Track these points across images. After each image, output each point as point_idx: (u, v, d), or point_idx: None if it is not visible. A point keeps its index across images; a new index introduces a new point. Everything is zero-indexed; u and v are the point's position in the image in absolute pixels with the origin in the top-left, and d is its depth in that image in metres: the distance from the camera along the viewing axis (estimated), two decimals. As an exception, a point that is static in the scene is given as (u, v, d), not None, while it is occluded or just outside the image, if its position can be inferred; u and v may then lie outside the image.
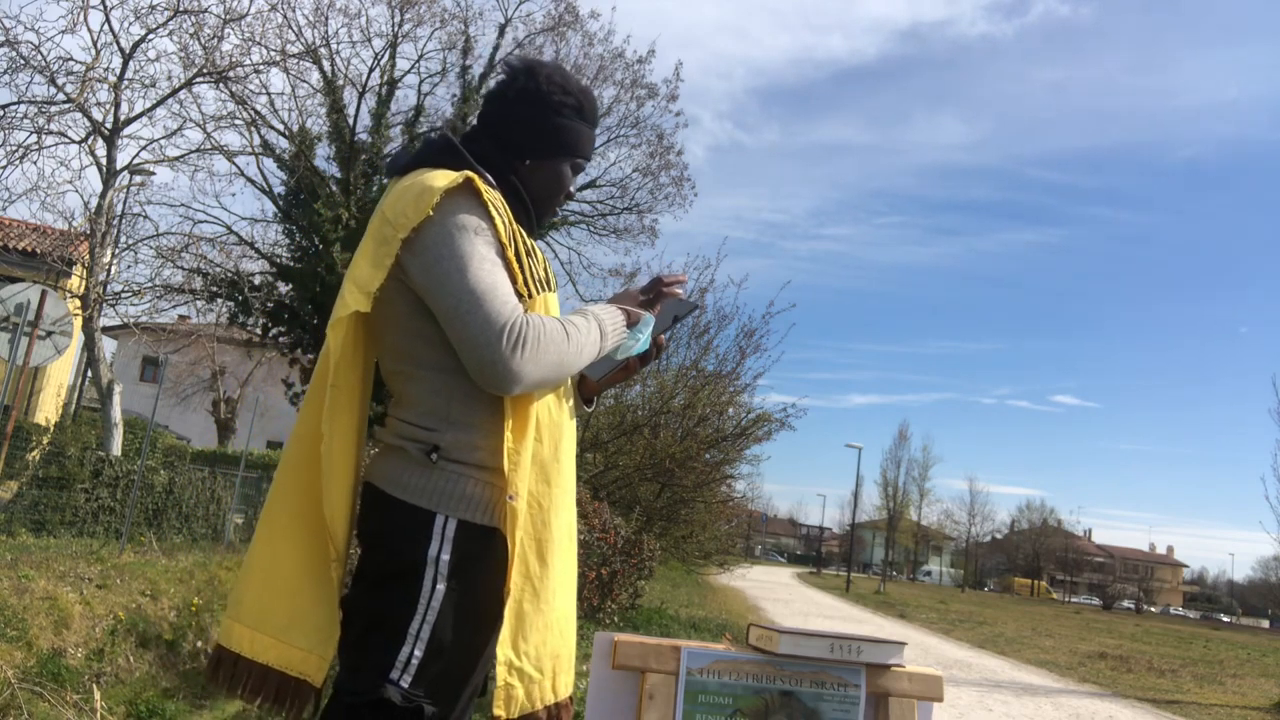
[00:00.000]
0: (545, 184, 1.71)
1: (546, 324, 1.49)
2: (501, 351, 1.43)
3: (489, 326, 1.44)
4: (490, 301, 1.45)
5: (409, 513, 1.51)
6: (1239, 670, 17.80)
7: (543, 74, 1.69)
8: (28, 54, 9.54)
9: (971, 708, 8.63)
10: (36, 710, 3.67)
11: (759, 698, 1.67)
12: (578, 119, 1.71)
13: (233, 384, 26.48)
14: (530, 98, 1.68)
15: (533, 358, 1.46)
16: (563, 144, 1.70)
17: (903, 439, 79.48)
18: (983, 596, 59.77)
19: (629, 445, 12.75)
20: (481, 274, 1.47)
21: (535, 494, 1.56)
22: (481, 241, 1.50)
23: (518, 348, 1.44)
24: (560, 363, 1.51)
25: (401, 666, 1.44)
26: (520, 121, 1.68)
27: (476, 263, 1.48)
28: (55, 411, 19.97)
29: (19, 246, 17.07)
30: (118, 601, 5.42)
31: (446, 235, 1.48)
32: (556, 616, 1.59)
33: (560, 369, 1.52)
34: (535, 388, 1.51)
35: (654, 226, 18.01)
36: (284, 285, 14.90)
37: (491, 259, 1.50)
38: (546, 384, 1.52)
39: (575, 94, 1.70)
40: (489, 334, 1.43)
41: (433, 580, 1.47)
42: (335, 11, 13.80)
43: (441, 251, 1.48)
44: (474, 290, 1.46)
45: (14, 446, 11.12)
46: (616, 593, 8.69)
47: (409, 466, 1.54)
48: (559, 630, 1.61)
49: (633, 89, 16.86)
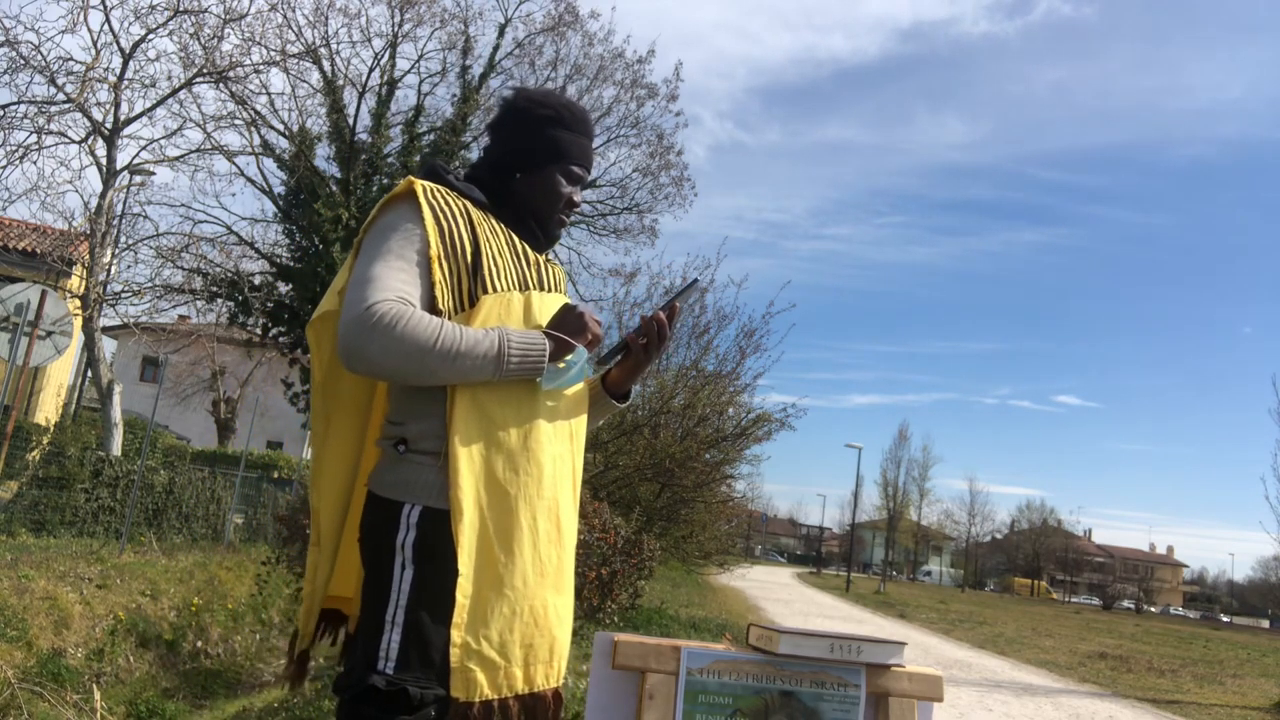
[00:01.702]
0: (539, 194, 1.78)
1: (416, 320, 1.51)
2: (352, 329, 1.48)
3: (352, 307, 1.50)
4: (364, 286, 1.51)
5: (383, 507, 1.59)
6: (1239, 670, 17.81)
7: (522, 94, 1.82)
8: (28, 54, 9.55)
9: (971, 708, 8.63)
10: (36, 710, 3.67)
11: (759, 698, 1.67)
12: (559, 128, 1.79)
13: (233, 384, 26.48)
14: (510, 117, 1.80)
15: (383, 345, 1.47)
16: (546, 153, 1.78)
17: (903, 439, 79.54)
18: (983, 596, 59.78)
19: (629, 445, 12.75)
20: (374, 264, 1.55)
21: (502, 482, 1.58)
22: (397, 238, 1.57)
23: (370, 331, 1.47)
24: (419, 360, 1.50)
25: (384, 655, 1.49)
26: (504, 140, 1.80)
27: (377, 256, 1.56)
28: (55, 411, 19.97)
29: (19, 246, 17.07)
30: (118, 601, 5.42)
31: (372, 234, 1.61)
32: (529, 605, 1.59)
33: (419, 366, 1.50)
34: (385, 375, 1.53)
35: (654, 226, 18.05)
36: (284, 285, 14.91)
37: (397, 253, 1.56)
38: (400, 375, 1.52)
39: (554, 106, 1.80)
40: (350, 313, 1.50)
41: (400, 566, 1.54)
42: (335, 11, 13.82)
43: (364, 247, 1.60)
44: (359, 277, 1.54)
45: (14, 446, 11.11)
46: (616, 593, 8.69)
47: (384, 462, 1.64)
48: (534, 620, 1.60)
49: (633, 89, 16.88)
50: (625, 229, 18.07)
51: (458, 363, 1.52)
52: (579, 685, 5.12)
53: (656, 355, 1.83)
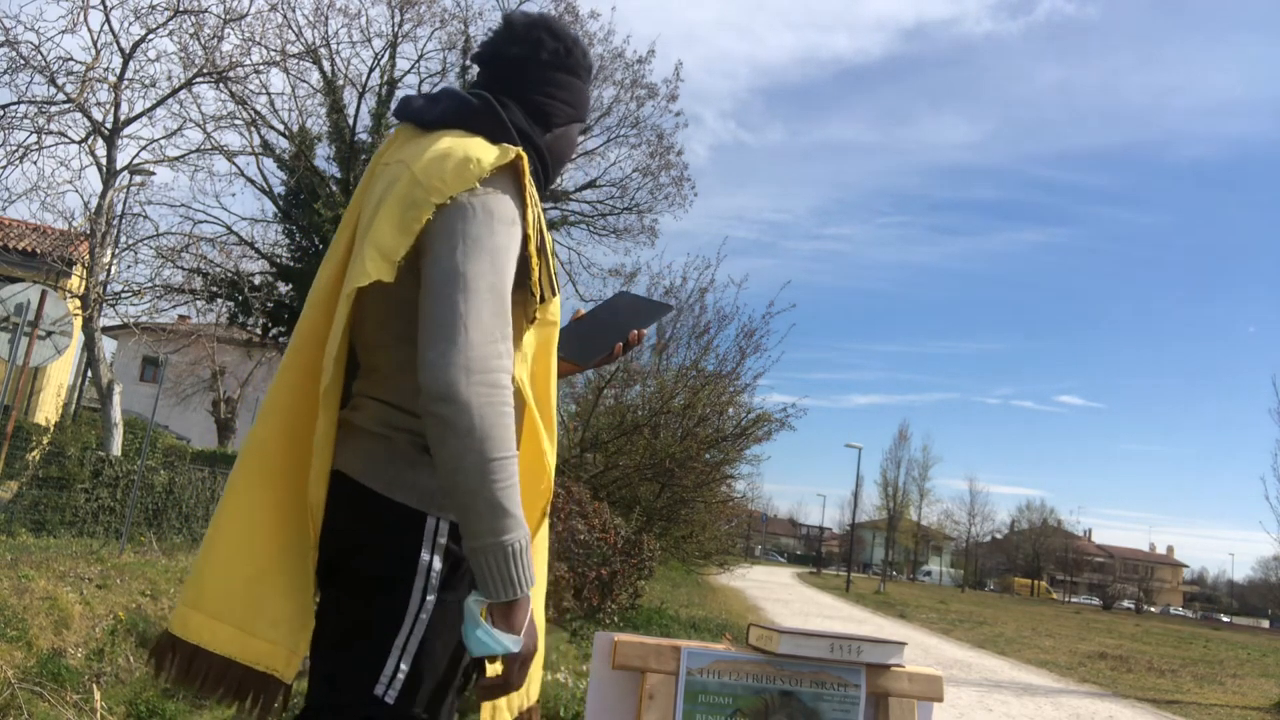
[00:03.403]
0: (563, 150, 1.63)
1: (509, 401, 1.29)
2: (459, 364, 1.26)
3: (480, 333, 1.28)
4: (492, 339, 1.29)
5: (398, 513, 1.38)
6: (1239, 670, 17.81)
7: (568, 37, 1.58)
8: (28, 54, 9.54)
9: (971, 708, 8.63)
10: (36, 710, 3.67)
11: (759, 698, 1.67)
12: (590, 80, 1.64)
13: (233, 384, 26.46)
14: (562, 64, 1.57)
15: (482, 400, 1.25)
16: (580, 110, 1.62)
17: (903, 439, 79.66)
18: (983, 596, 59.77)
19: (629, 445, 12.76)
20: (495, 270, 1.33)
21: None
22: (506, 234, 1.36)
23: (475, 380, 1.26)
24: (487, 442, 1.25)
25: (387, 681, 1.34)
26: (553, 89, 1.56)
27: (496, 256, 1.34)
28: (55, 411, 19.97)
29: (19, 246, 17.06)
30: (118, 601, 5.42)
31: (478, 215, 1.34)
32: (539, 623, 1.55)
33: (478, 442, 1.25)
34: (447, 425, 1.25)
35: (654, 226, 18.04)
36: (284, 285, 14.92)
37: (510, 257, 1.37)
38: (466, 431, 1.25)
39: (587, 55, 1.63)
40: (470, 336, 1.27)
41: (422, 591, 1.36)
42: (335, 11, 13.82)
43: (469, 229, 1.33)
44: (478, 285, 1.30)
45: (14, 446, 11.11)
46: (616, 593, 8.70)
47: (396, 460, 1.41)
48: (539, 636, 1.56)
49: (632, 89, 16.89)
50: (625, 229, 18.06)
51: (491, 486, 1.25)
52: (579, 685, 5.13)
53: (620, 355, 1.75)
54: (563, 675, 5.39)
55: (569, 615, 8.10)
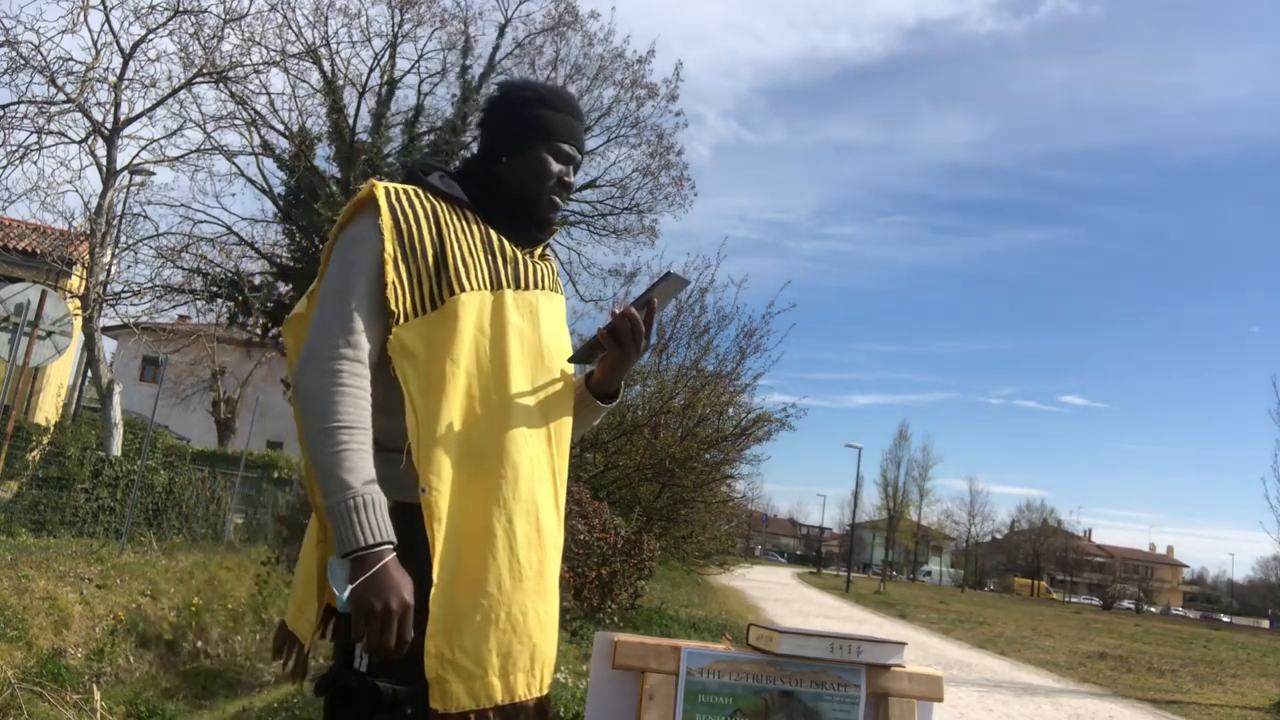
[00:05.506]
0: (528, 174, 1.75)
1: (347, 391, 1.51)
2: (305, 371, 1.53)
3: (320, 330, 1.56)
4: (330, 328, 1.56)
5: None
6: (1239, 670, 17.81)
7: (503, 83, 1.85)
8: (28, 54, 9.55)
9: (971, 708, 8.63)
10: (36, 710, 3.67)
11: (759, 698, 1.67)
12: (542, 107, 1.77)
13: (233, 384, 26.48)
14: (493, 105, 1.81)
15: (313, 383, 1.51)
16: (532, 133, 1.75)
17: (903, 439, 79.68)
18: (983, 596, 59.78)
19: (629, 445, 12.75)
20: (339, 293, 1.58)
21: (471, 482, 1.55)
22: (352, 251, 1.61)
23: (309, 368, 1.53)
24: (316, 417, 1.50)
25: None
26: (490, 129, 1.80)
27: (343, 282, 1.59)
28: (55, 411, 19.95)
29: (19, 246, 17.07)
30: (118, 601, 5.42)
31: (340, 245, 1.63)
32: (506, 612, 1.55)
33: (311, 418, 1.50)
34: (296, 409, 1.56)
35: (654, 226, 18.04)
36: (284, 285, 14.93)
37: (362, 271, 1.59)
38: (303, 411, 1.53)
39: (534, 88, 1.79)
40: (313, 335, 1.56)
41: None
42: (335, 11, 13.85)
43: (333, 258, 1.64)
44: (325, 310, 1.58)
45: (14, 446, 11.12)
46: (616, 593, 8.69)
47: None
48: (511, 627, 1.56)
49: (632, 89, 16.90)
50: (625, 229, 18.05)
51: (322, 454, 1.48)
52: (579, 685, 5.12)
53: (635, 353, 1.74)
54: (562, 675, 5.39)
55: (569, 615, 8.10)
